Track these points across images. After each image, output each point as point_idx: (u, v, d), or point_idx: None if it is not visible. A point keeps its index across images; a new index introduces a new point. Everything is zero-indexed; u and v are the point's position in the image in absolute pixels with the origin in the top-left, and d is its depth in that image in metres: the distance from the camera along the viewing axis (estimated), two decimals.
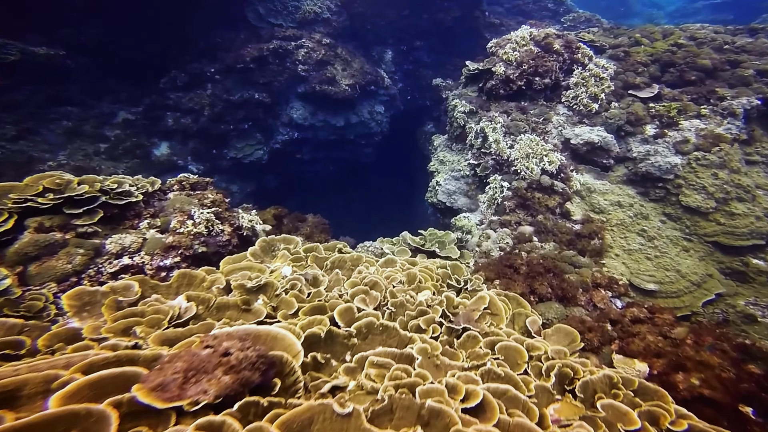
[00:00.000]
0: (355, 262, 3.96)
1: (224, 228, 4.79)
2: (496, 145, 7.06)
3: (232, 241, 4.93)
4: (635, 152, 7.17)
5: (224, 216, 4.94)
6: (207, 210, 4.72)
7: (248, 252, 3.90)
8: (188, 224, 4.35)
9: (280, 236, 4.32)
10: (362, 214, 16.34)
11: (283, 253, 3.95)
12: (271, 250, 4.11)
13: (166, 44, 9.68)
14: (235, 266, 3.68)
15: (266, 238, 4.17)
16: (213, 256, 4.74)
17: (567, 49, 8.16)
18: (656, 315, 4.29)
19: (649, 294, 6.20)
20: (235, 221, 5.01)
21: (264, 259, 3.98)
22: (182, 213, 4.59)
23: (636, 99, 7.47)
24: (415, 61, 13.66)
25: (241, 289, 3.23)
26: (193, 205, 4.70)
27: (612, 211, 6.97)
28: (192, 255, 4.38)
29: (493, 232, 6.45)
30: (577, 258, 5.35)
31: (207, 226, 4.51)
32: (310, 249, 4.10)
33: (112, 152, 10.04)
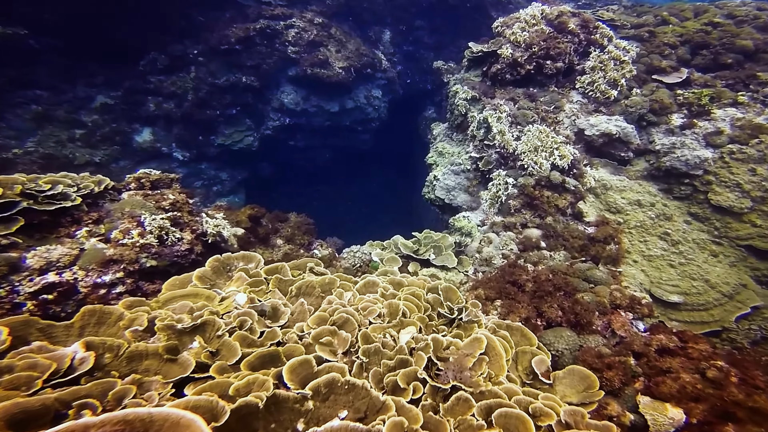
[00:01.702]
0: (327, 287, 3.29)
1: (184, 235, 4.13)
2: (500, 136, 6.29)
3: (195, 249, 4.27)
4: (658, 144, 6.38)
5: (184, 221, 4.27)
6: (162, 215, 4.04)
7: (195, 275, 3.23)
8: (133, 234, 3.69)
9: (239, 253, 3.64)
10: (359, 204, 15.66)
11: (240, 276, 3.28)
12: (226, 270, 3.45)
13: (142, 23, 8.84)
14: (176, 293, 3.03)
15: (220, 257, 3.50)
16: (171, 267, 4.10)
17: (583, 29, 7.28)
18: (690, 345, 3.61)
19: (673, 307, 5.53)
20: (198, 227, 4.34)
21: (217, 281, 3.32)
22: (131, 219, 3.93)
23: (661, 85, 6.63)
24: (415, 42, 12.70)
25: (167, 332, 2.57)
26: (146, 209, 4.03)
27: (630, 211, 6.24)
28: (139, 270, 3.73)
29: (496, 235, 5.75)
30: (593, 272, 4.65)
31: (159, 234, 3.85)
32: (274, 270, 3.43)
33: (88, 139, 9.36)
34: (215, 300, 3.00)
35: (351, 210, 15.43)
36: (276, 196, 14.82)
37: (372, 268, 5.13)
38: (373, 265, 5.16)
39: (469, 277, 5.33)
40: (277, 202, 14.99)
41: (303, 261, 3.76)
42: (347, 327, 2.83)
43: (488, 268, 5.40)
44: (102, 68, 9.56)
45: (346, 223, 15.27)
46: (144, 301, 2.89)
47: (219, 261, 3.43)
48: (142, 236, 3.72)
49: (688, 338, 3.64)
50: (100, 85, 9.69)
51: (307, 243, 5.84)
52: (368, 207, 15.52)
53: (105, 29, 8.65)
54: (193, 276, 3.20)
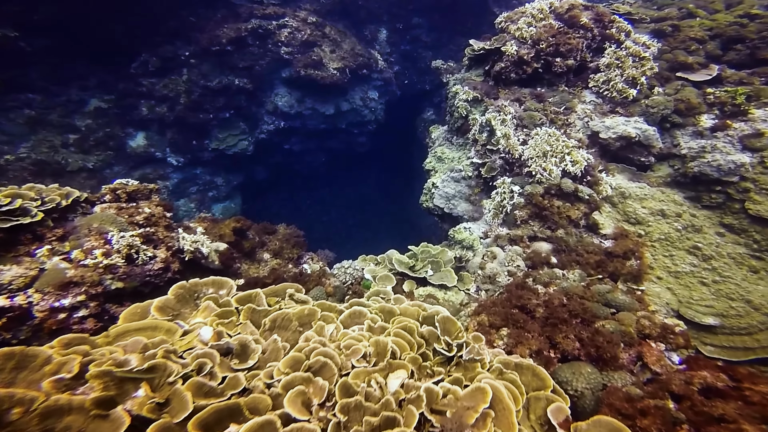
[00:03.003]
0: (306, 319, 2.79)
1: (157, 253, 3.67)
2: (505, 140, 5.74)
3: (171, 267, 3.82)
4: (685, 148, 5.79)
5: (159, 237, 3.81)
6: (132, 232, 3.58)
7: (155, 305, 2.75)
8: (96, 254, 3.23)
9: (209, 279, 3.15)
10: (355, 209, 15.17)
11: (207, 305, 2.79)
12: (193, 297, 2.96)
13: (132, 24, 8.44)
14: (130, 326, 2.55)
15: (185, 283, 3.02)
16: (144, 287, 3.65)
17: (597, 23, 6.71)
18: (746, 385, 3.00)
19: (707, 330, 4.94)
20: (174, 243, 3.87)
21: (182, 311, 2.84)
22: (98, 236, 3.47)
23: (687, 83, 6.03)
24: (412, 41, 12.17)
25: (103, 379, 2.09)
26: (116, 224, 3.57)
27: (653, 222, 5.65)
28: (103, 292, 3.29)
29: (501, 250, 5.20)
30: (614, 295, 4.08)
31: (129, 253, 3.39)
32: (247, 298, 2.94)
33: (81, 144, 9.00)
34: (176, 334, 2.52)
35: (347, 216, 14.96)
36: (272, 201, 14.41)
37: (363, 287, 4.61)
38: (365, 283, 4.64)
39: (471, 297, 4.79)
40: (272, 208, 14.63)
41: (282, 287, 3.26)
42: (325, 372, 2.33)
43: (492, 287, 4.86)
44: (95, 70, 9.20)
45: (342, 230, 14.81)
46: (86, 338, 2.41)
47: (184, 288, 2.95)
48: (107, 256, 3.27)
49: (743, 376, 3.04)
50: (93, 87, 9.33)
51: (296, 257, 5.36)
52: (365, 212, 15.03)
53: (96, 29, 8.28)
54: (152, 306, 2.71)
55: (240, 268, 4.68)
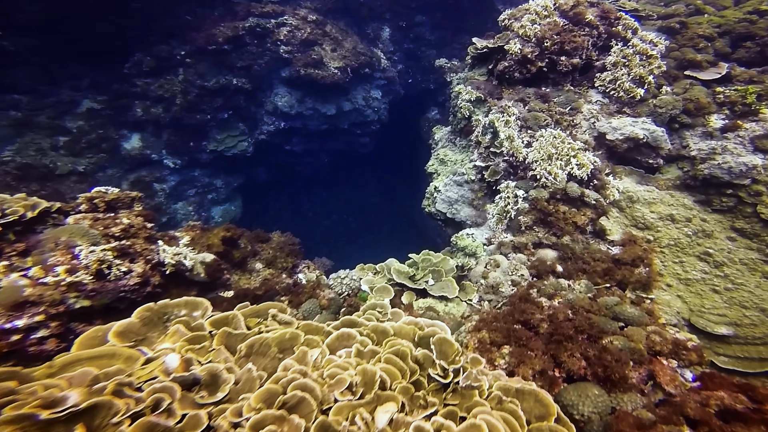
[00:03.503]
0: (288, 344, 2.60)
1: (134, 267, 3.49)
2: (508, 142, 5.53)
3: (151, 281, 3.64)
4: (694, 150, 5.56)
5: (137, 250, 3.63)
6: (104, 245, 3.41)
7: (114, 330, 2.55)
8: (58, 271, 3.05)
9: (181, 299, 2.96)
10: (358, 212, 14.97)
11: (176, 330, 2.60)
12: (163, 320, 2.78)
13: (123, 22, 8.26)
14: (82, 354, 2.36)
15: (153, 305, 2.83)
16: (119, 303, 3.46)
17: (603, 20, 6.47)
18: None
19: (720, 340, 4.74)
20: (154, 256, 3.70)
21: (149, 335, 2.65)
22: (64, 251, 3.29)
23: (696, 82, 5.80)
24: (416, 39, 11.93)
25: (18, 425, 1.83)
26: (87, 237, 3.39)
27: (662, 228, 5.44)
28: (66, 311, 3.10)
29: (504, 258, 5.00)
30: (622, 308, 3.88)
31: (99, 268, 3.21)
32: (223, 320, 2.75)
33: (72, 146, 8.84)
34: (137, 362, 2.33)
35: (349, 218, 14.77)
36: (273, 202, 14.24)
37: (360, 299, 4.43)
38: (361, 295, 4.46)
39: (473, 308, 4.60)
40: (273, 210, 14.47)
41: (264, 306, 3.07)
42: (302, 409, 2.13)
43: (495, 297, 4.67)
44: (87, 70, 9.04)
45: (344, 233, 14.62)
46: (16, 372, 2.15)
47: (152, 310, 2.76)
48: (71, 273, 3.08)
49: (764, 397, 2.83)
50: (86, 88, 9.17)
51: (290, 266, 5.17)
52: (368, 215, 14.82)
53: (86, 29, 8.09)
54: (111, 332, 2.52)
55: (229, 280, 4.51)
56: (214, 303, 4.26)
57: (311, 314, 4.23)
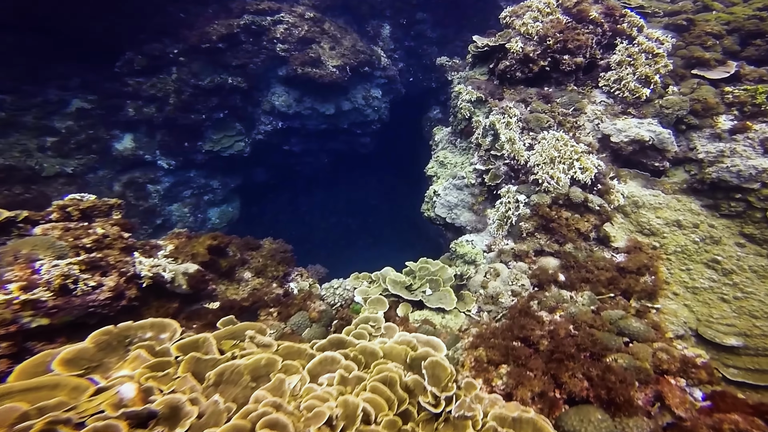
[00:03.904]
0: (262, 372, 2.40)
1: (106, 280, 3.30)
2: (509, 145, 5.32)
3: (126, 294, 3.44)
4: (702, 152, 5.35)
5: (110, 262, 3.43)
6: (71, 259, 3.20)
7: (59, 357, 2.33)
8: (11, 288, 2.85)
9: (147, 321, 2.76)
10: (359, 213, 14.77)
11: (137, 355, 2.40)
12: (124, 345, 2.58)
13: (112, 20, 8.04)
14: (14, 387, 2.13)
15: (111, 329, 2.62)
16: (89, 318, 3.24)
17: (607, 17, 6.23)
18: None
19: (730, 351, 4.55)
20: (129, 268, 3.51)
21: (105, 361, 2.45)
22: (24, 265, 3.09)
23: (704, 81, 5.57)
24: (417, 37, 11.67)
25: None
26: (53, 249, 3.20)
27: (668, 234, 5.23)
28: (20, 331, 2.90)
29: (505, 266, 4.80)
30: (627, 322, 3.68)
31: (63, 283, 3.02)
32: (192, 344, 2.55)
33: (60, 147, 8.64)
34: (85, 394, 2.12)
35: (349, 220, 14.57)
36: (273, 203, 14.05)
37: (352, 311, 4.25)
38: (354, 307, 4.27)
39: (471, 320, 4.41)
40: (273, 211, 14.28)
41: (241, 327, 2.88)
42: None
43: (494, 308, 4.48)
44: (76, 70, 8.83)
45: (344, 235, 14.42)
46: None
47: (110, 334, 2.55)
48: (27, 289, 2.88)
49: None
50: (75, 87, 8.97)
51: (282, 274, 4.98)
52: (368, 216, 14.62)
53: (73, 26, 7.88)
54: (55, 360, 2.30)
55: (216, 290, 4.33)
56: (198, 315, 4.11)
57: (300, 328, 4.05)
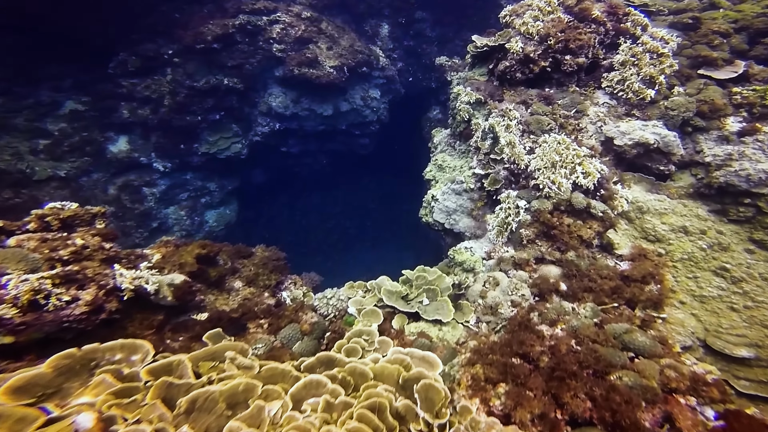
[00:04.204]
0: (240, 398, 2.24)
1: (82, 294, 3.14)
2: (509, 149, 5.15)
3: (107, 308, 3.29)
4: (709, 155, 5.17)
5: (87, 275, 3.28)
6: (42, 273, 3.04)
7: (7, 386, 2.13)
8: None
9: (116, 342, 2.59)
10: (358, 215, 14.60)
11: (100, 380, 2.25)
12: (89, 368, 2.41)
13: (105, 20, 7.88)
14: None
15: (74, 351, 2.46)
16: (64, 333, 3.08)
17: (610, 16, 6.04)
18: None
19: (741, 362, 4.38)
20: (109, 281, 3.35)
21: (64, 388, 2.29)
22: None
23: (711, 81, 5.39)
24: (416, 36, 11.48)
25: None
26: (24, 262, 3.04)
27: (674, 240, 5.06)
28: None
29: (504, 275, 4.63)
30: (632, 336, 3.51)
31: (32, 299, 2.86)
32: (165, 368, 2.39)
33: (53, 150, 8.51)
34: (33, 425, 1.95)
35: (349, 223, 14.40)
36: (271, 205, 13.90)
37: (345, 323, 4.09)
38: (347, 320, 4.11)
39: (470, 331, 4.25)
40: (271, 213, 14.14)
41: (221, 348, 2.71)
42: None
43: (494, 318, 4.31)
44: (69, 70, 8.69)
45: (343, 237, 14.26)
46: None
47: (72, 357, 2.38)
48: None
49: None
50: (68, 89, 8.83)
51: (274, 283, 4.83)
52: (368, 218, 14.44)
53: (64, 27, 7.72)
54: (1, 389, 2.11)
55: (204, 301, 4.17)
56: (184, 327, 3.95)
57: (291, 341, 3.89)
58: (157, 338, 3.59)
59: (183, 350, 3.72)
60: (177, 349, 3.70)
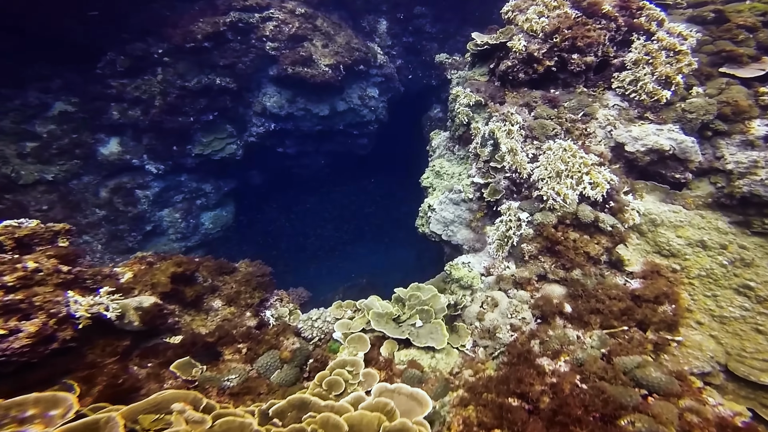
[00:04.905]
0: None
1: (26, 325, 2.83)
2: (511, 156, 4.76)
3: (59, 336, 2.99)
4: (731, 162, 4.74)
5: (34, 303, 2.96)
6: None
7: None
8: None
9: (30, 396, 2.22)
10: (359, 214, 14.24)
11: None
12: None
13: (90, 17, 7.56)
14: None
15: None
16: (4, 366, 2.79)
17: (623, 10, 5.58)
18: None
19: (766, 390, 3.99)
20: (62, 308, 3.04)
21: None
22: None
23: (734, 80, 4.93)
24: (416, 33, 11.03)
25: None
26: None
27: (691, 255, 4.64)
28: None
29: (504, 295, 4.27)
30: (645, 372, 3.13)
31: None
32: (88, 427, 2.02)
33: (41, 153, 8.26)
34: None
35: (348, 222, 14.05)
36: (268, 207, 13.62)
37: (330, 350, 3.76)
38: (332, 346, 3.79)
39: (466, 357, 3.91)
40: (268, 215, 13.84)
41: (168, 396, 2.37)
42: None
43: (491, 343, 3.97)
44: (57, 71, 8.41)
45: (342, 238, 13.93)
46: None
47: None
48: None
49: None
50: (57, 90, 8.56)
51: (258, 301, 4.52)
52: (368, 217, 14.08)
53: (48, 26, 7.43)
54: None
55: (179, 323, 3.87)
56: (154, 352, 3.64)
57: (269, 370, 3.57)
58: (120, 367, 3.30)
59: (151, 377, 3.44)
60: (144, 377, 3.42)
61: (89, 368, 3.08)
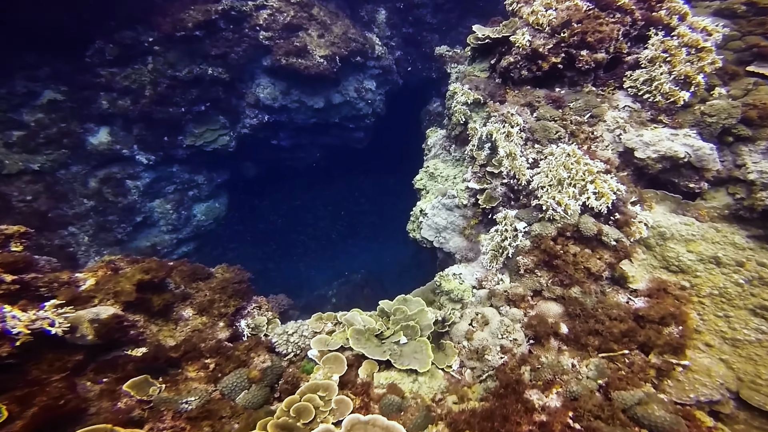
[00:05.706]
0: None
1: None
2: (509, 161, 4.39)
3: None
4: (753, 171, 4.33)
5: None
6: None
7: None
8: None
9: None
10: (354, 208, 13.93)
11: None
12: None
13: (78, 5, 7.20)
14: None
15: None
16: None
17: (640, 3, 5.12)
18: None
19: None
20: None
21: None
22: None
23: (763, 80, 4.50)
24: (416, 23, 10.54)
25: None
26: None
27: (702, 272, 4.27)
28: None
29: (495, 312, 3.95)
30: (647, 410, 2.81)
31: None
32: None
33: (27, 142, 7.99)
34: None
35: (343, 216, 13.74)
36: (261, 200, 13.35)
37: (303, 371, 3.47)
38: (305, 366, 3.49)
39: (451, 379, 3.61)
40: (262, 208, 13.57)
41: None
42: None
43: (479, 365, 3.67)
44: (45, 59, 8.11)
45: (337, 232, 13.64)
46: None
47: None
48: None
49: None
50: (45, 78, 8.27)
51: (233, 310, 4.23)
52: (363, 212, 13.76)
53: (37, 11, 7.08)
54: None
55: (143, 334, 3.59)
56: (112, 366, 3.34)
57: (234, 391, 3.29)
58: (66, 384, 3.01)
59: (105, 395, 3.16)
60: (96, 395, 3.14)
61: (30, 386, 2.81)
